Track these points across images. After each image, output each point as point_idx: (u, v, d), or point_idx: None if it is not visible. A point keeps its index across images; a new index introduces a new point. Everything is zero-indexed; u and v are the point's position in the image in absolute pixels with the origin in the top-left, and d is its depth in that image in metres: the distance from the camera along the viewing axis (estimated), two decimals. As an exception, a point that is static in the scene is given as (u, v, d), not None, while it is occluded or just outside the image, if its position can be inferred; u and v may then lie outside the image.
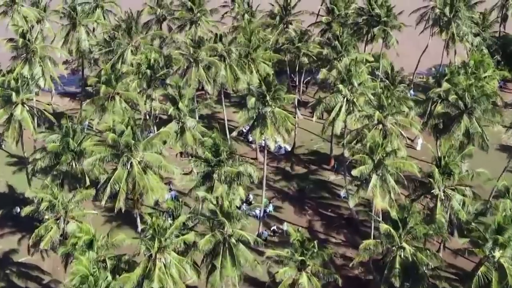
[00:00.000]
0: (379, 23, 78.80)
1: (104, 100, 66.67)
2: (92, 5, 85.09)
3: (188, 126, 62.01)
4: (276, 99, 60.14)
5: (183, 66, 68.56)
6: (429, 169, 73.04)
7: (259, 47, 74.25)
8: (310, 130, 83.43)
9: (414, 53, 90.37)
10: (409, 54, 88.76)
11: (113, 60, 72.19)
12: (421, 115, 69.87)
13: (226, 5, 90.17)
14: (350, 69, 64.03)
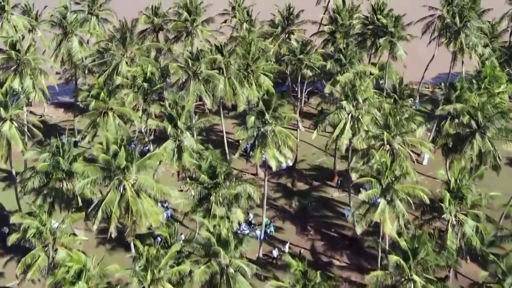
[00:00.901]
0: (386, 34, 75.41)
1: (96, 116, 63.54)
2: (86, 13, 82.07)
3: (186, 145, 58.82)
4: (277, 117, 57.03)
5: (182, 79, 65.38)
6: (436, 185, 70.96)
7: (259, 58, 71.05)
8: (312, 143, 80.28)
9: (418, 61, 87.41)
10: (413, 62, 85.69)
11: (106, 73, 69.01)
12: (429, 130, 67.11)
13: (226, 12, 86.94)
14: (355, 84, 60.87)
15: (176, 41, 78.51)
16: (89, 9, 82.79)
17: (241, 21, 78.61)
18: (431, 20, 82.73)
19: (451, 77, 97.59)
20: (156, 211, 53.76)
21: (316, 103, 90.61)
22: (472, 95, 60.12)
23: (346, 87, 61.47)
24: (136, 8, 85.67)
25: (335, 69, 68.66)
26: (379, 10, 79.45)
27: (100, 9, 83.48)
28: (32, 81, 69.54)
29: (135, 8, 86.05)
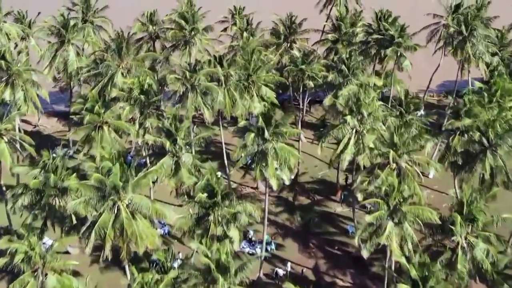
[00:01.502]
0: (392, 44, 72.74)
1: (91, 129, 61.05)
2: (79, 20, 79.54)
3: (184, 161, 56.33)
4: (278, 134, 54.57)
5: (179, 92, 62.76)
6: (442, 198, 68.44)
7: (260, 69, 68.52)
8: (315, 155, 77.80)
9: (422, 68, 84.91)
10: (417, 70, 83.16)
11: (101, 84, 66.49)
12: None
13: (225, 20, 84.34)
14: (359, 98, 58.39)
15: (174, 50, 75.85)
16: (84, 15, 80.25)
17: (241, 30, 75.77)
18: (436, 28, 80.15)
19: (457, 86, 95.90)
20: (152, 232, 51.25)
21: (318, 113, 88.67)
22: (482, 109, 57.50)
23: (350, 100, 58.90)
24: (132, 15, 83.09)
25: (337, 80, 66.06)
26: (383, 18, 76.81)
27: (95, 16, 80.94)
28: (23, 93, 66.94)
29: (131, 15, 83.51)
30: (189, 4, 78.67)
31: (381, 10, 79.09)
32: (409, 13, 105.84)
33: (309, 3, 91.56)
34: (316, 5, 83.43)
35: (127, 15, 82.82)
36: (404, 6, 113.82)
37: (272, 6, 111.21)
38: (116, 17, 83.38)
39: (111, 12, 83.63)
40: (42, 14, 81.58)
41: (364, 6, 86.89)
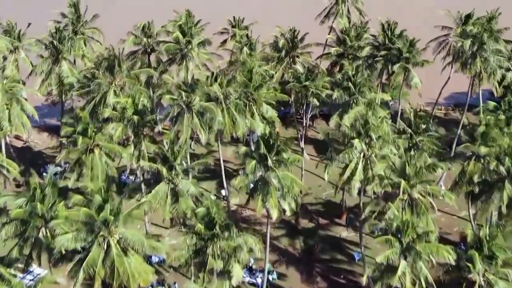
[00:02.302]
0: (400, 60, 68.84)
1: (81, 153, 57.31)
2: (70, 32, 75.79)
3: (181, 189, 52.65)
4: (281, 162, 50.92)
5: (174, 112, 58.85)
6: (452, 221, 64.78)
7: (261, 86, 64.82)
8: (318, 173, 74.16)
9: (429, 80, 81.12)
10: (424, 81, 79.26)
11: (92, 103, 62.77)
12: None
13: (224, 31, 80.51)
14: (367, 120, 54.69)
15: (170, 64, 72.08)
16: (74, 27, 76.47)
17: (241, 44, 71.72)
18: (445, 40, 76.33)
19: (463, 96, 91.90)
20: (146, 269, 47.60)
21: (321, 127, 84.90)
22: (500, 133, 53.66)
23: (357, 122, 55.22)
24: (126, 25, 79.27)
25: (343, 99, 62.33)
26: (390, 31, 72.99)
27: (86, 27, 77.17)
28: (8, 111, 63.33)
29: (125, 25, 79.74)
30: (188, 15, 74.85)
31: (387, 21, 75.29)
32: (416, 23, 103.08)
33: (309, 13, 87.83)
34: (316, 17, 79.16)
35: (122, 26, 79.14)
36: (410, 15, 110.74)
37: (272, 16, 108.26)
38: (110, 28, 79.88)
39: (105, 24, 79.98)
40: (33, 25, 78.05)
41: (369, 16, 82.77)
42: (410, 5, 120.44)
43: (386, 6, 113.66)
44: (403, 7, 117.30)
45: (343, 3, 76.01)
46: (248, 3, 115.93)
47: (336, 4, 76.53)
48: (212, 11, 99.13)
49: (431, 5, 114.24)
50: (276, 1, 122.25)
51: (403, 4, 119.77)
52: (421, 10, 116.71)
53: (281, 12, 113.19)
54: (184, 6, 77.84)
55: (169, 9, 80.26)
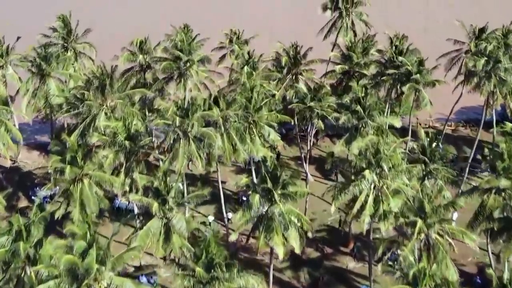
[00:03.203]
0: (409, 80, 64.38)
1: (69, 183, 53.08)
2: (59, 47, 71.56)
3: (175, 225, 48.42)
4: (287, 195, 46.73)
5: (169, 140, 54.50)
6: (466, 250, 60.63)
7: (263, 108, 60.58)
8: (322, 196, 70.02)
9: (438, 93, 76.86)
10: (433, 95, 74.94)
11: (81, 127, 58.54)
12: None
13: (222, 46, 76.17)
14: (379, 149, 50.41)
15: (167, 82, 67.75)
16: (64, 42, 72.15)
17: (242, 62, 67.11)
18: (457, 55, 71.98)
19: (474, 111, 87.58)
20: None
21: (325, 144, 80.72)
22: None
23: (367, 151, 50.93)
24: (120, 40, 74.97)
25: (351, 122, 58.04)
26: (398, 48, 68.36)
27: (77, 42, 72.86)
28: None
29: (119, 40, 75.48)
30: (185, 30, 70.57)
31: (396, 35, 70.92)
32: (425, 36, 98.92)
33: (311, 24, 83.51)
34: (319, 32, 74.74)
35: (116, 41, 74.94)
36: (419, 28, 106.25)
37: (271, 28, 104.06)
38: (103, 43, 75.70)
39: (97, 39, 75.73)
40: (22, 39, 73.85)
41: (375, 28, 78.21)
42: (418, 16, 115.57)
43: (392, 18, 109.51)
44: (411, 18, 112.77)
45: (347, 16, 71.47)
46: (247, 15, 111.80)
47: (340, 17, 72.00)
48: (210, 23, 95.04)
49: (442, 17, 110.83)
50: (275, 12, 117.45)
51: (411, 15, 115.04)
52: (431, 22, 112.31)
53: (281, 24, 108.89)
54: (180, 18, 74.15)
55: (164, 21, 76.43)
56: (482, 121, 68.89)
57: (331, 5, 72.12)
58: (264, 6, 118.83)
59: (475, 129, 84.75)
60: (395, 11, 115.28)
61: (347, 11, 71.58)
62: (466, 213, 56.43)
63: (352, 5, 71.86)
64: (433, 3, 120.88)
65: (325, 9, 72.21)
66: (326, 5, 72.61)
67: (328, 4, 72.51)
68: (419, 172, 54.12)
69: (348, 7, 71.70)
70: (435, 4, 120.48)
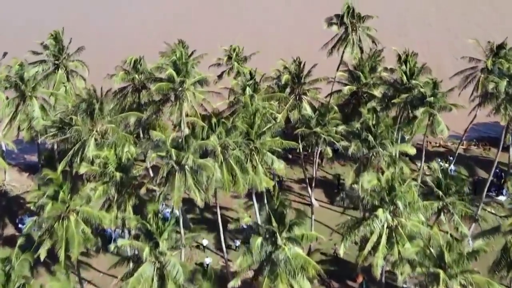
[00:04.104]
0: (423, 104, 59.81)
1: (53, 220, 48.70)
2: (50, 65, 67.24)
3: (169, 271, 44.00)
4: (292, 239, 42.43)
5: (163, 173, 49.99)
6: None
7: (266, 133, 56.18)
8: (329, 223, 65.64)
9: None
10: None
11: (69, 155, 54.20)
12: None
13: (220, 63, 71.75)
14: (394, 186, 46.01)
15: (163, 104, 63.36)
16: (55, 59, 67.74)
17: (242, 83, 62.44)
18: (472, 73, 67.53)
19: (486, 128, 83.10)
20: None
21: (331, 167, 76.32)
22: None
23: (380, 187, 46.52)
24: (113, 58, 70.68)
25: (361, 152, 53.64)
26: (406, 65, 63.82)
27: (69, 59, 68.43)
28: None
29: (112, 58, 71.19)
30: (181, 46, 66.21)
31: (405, 52, 66.49)
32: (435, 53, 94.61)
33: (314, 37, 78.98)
34: (323, 47, 70.58)
35: (109, 59, 70.69)
36: (428, 43, 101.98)
37: (271, 42, 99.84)
38: (93, 61, 71.41)
39: (90, 57, 71.37)
40: (9, 55, 69.84)
41: (382, 43, 73.41)
42: (428, 31, 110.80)
43: (401, 33, 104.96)
44: (419, 33, 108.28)
45: (354, 32, 66.92)
46: (248, 29, 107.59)
47: (346, 32, 67.51)
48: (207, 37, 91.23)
49: (453, 32, 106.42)
50: (276, 26, 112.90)
51: (419, 30, 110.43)
52: (442, 37, 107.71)
53: (283, 39, 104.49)
54: (177, 32, 69.93)
55: (159, 35, 72.24)
56: (500, 145, 64.09)
57: (337, 19, 67.44)
58: (265, 20, 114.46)
59: (488, 148, 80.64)
60: (403, 23, 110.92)
61: (353, 26, 66.89)
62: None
63: (359, 20, 67.12)
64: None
65: (330, 24, 67.45)
66: (331, 19, 67.83)
67: (333, 19, 67.76)
68: (434, 207, 49.79)
69: (355, 21, 66.94)
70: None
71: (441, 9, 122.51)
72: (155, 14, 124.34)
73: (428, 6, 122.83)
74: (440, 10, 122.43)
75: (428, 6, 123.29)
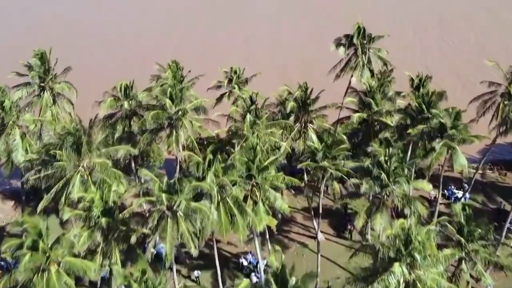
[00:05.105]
0: (443, 137, 54.62)
1: (32, 272, 43.70)
2: (35, 87, 62.35)
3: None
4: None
5: (153, 220, 44.95)
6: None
7: (268, 167, 51.22)
8: (335, 259, 60.79)
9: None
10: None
11: (52, 192, 49.32)
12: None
13: (220, 85, 66.75)
14: (410, 237, 41.02)
15: (156, 133, 58.38)
16: (40, 81, 62.74)
17: (243, 110, 57.32)
18: (491, 98, 62.41)
19: (502, 150, 78.12)
20: None
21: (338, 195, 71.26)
22: None
23: (397, 239, 41.52)
24: (103, 79, 65.81)
25: (373, 191, 48.64)
26: (419, 89, 58.88)
27: (55, 81, 63.41)
28: None
29: (102, 78, 66.35)
30: (175, 67, 61.23)
31: (419, 76, 61.57)
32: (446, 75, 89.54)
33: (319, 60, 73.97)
34: (331, 71, 65.43)
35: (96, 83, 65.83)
36: (442, 64, 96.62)
37: (274, 67, 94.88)
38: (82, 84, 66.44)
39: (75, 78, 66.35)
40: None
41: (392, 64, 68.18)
42: (441, 52, 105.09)
43: (411, 54, 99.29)
44: (432, 55, 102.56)
45: (364, 54, 61.81)
46: (249, 49, 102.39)
47: (355, 55, 62.41)
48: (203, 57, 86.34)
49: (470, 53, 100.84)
50: (280, 47, 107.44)
51: (432, 51, 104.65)
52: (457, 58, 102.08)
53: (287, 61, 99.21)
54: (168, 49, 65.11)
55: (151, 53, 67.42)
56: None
57: (346, 40, 62.35)
58: (268, 41, 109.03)
59: (504, 173, 75.66)
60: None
61: (363, 47, 61.78)
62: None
63: (370, 40, 62.04)
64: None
65: (339, 45, 62.30)
66: (340, 40, 62.68)
67: (342, 40, 62.65)
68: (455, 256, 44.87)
69: (365, 43, 61.82)
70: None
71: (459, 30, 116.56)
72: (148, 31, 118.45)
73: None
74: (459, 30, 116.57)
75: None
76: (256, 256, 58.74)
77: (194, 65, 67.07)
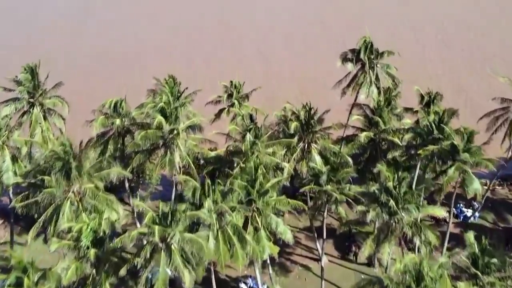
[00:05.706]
0: (455, 159, 51.54)
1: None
2: (23, 103, 59.47)
3: None
4: None
5: (146, 253, 41.95)
6: None
7: (269, 191, 48.25)
8: (340, 283, 57.95)
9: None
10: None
11: (40, 221, 46.42)
12: None
13: (219, 100, 63.75)
14: (422, 273, 38.08)
15: (151, 153, 55.37)
16: (29, 96, 59.74)
17: (242, 128, 54.16)
18: (503, 114, 59.39)
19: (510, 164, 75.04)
20: None
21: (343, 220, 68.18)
22: None
23: (407, 274, 38.58)
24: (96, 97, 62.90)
25: (380, 218, 45.61)
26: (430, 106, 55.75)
27: (46, 96, 60.42)
28: None
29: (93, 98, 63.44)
30: (172, 82, 58.25)
31: (429, 93, 58.56)
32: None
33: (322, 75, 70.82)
34: (335, 86, 62.57)
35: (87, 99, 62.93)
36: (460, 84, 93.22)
37: (275, 79, 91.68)
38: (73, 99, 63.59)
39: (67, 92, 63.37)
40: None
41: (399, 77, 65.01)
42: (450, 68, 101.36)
43: (414, 66, 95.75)
44: (441, 70, 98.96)
45: (371, 69, 58.70)
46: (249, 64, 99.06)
47: (362, 70, 59.35)
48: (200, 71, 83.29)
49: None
50: (282, 60, 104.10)
51: (442, 66, 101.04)
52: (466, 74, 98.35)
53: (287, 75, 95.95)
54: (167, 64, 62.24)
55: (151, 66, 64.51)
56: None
57: (352, 55, 59.24)
58: (269, 54, 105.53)
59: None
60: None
61: (370, 63, 58.70)
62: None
63: (377, 56, 58.94)
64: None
65: (345, 60, 59.20)
66: (346, 55, 59.59)
67: (349, 55, 59.55)
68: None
69: (372, 58, 58.74)
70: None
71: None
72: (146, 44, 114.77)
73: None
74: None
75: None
76: (256, 280, 55.95)
77: (195, 79, 64.45)
